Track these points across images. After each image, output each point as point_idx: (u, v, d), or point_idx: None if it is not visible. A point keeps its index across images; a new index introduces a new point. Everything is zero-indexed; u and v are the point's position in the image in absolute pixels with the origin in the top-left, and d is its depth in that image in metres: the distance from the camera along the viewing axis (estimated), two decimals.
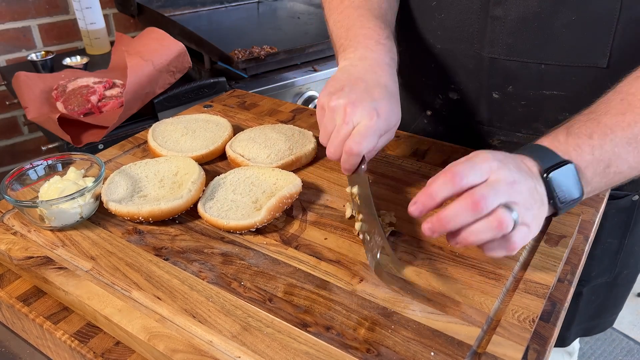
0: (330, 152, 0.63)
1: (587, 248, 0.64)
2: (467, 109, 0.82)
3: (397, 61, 0.71)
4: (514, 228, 0.50)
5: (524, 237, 0.51)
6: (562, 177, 0.54)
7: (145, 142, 0.84)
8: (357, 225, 0.61)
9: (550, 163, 0.54)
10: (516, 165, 0.53)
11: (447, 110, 0.85)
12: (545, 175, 0.54)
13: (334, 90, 0.64)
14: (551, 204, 0.55)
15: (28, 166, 0.69)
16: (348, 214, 0.66)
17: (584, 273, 0.84)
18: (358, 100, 0.62)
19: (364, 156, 0.62)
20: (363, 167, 0.63)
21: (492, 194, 0.49)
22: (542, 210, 0.53)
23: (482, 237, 0.50)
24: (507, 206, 0.50)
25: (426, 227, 0.52)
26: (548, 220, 0.64)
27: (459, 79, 0.80)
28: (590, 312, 0.94)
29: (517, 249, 0.52)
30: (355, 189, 0.64)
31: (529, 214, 0.51)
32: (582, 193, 0.55)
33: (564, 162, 0.54)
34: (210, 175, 0.72)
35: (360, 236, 0.62)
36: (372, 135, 0.61)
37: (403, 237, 0.63)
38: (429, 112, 0.89)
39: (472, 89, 0.79)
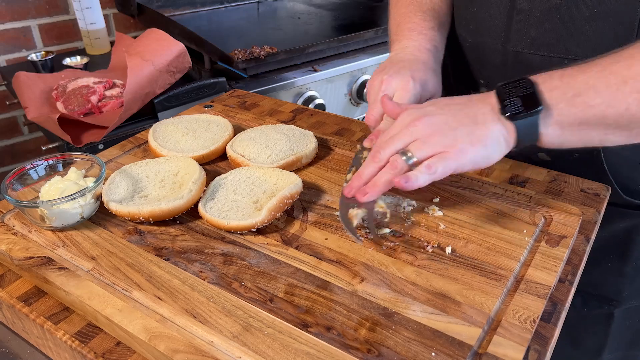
0: (368, 118, 0.71)
1: (588, 249, 0.64)
2: None
3: (442, 49, 0.79)
4: (413, 167, 0.58)
5: (428, 166, 0.57)
6: (512, 90, 0.57)
7: (146, 142, 0.84)
8: (348, 176, 0.68)
9: (508, 81, 0.59)
10: (445, 102, 0.61)
11: None
12: (496, 89, 0.59)
13: (376, 72, 0.73)
14: (507, 117, 0.57)
15: (29, 166, 0.69)
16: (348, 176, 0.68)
17: (614, 292, 0.82)
18: (395, 73, 0.70)
19: None
20: None
21: (386, 145, 0.60)
22: (476, 128, 0.57)
23: (382, 179, 0.59)
24: (403, 152, 0.58)
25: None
26: (549, 221, 0.64)
27: (487, 73, 0.81)
28: (625, 339, 0.87)
29: (418, 179, 0.56)
30: (366, 153, 0.69)
31: (435, 141, 0.57)
32: (539, 105, 0.55)
33: (521, 79, 0.58)
34: (210, 176, 0.72)
35: (344, 184, 0.65)
36: (408, 99, 0.69)
37: (403, 237, 0.63)
38: None
39: (499, 84, 0.80)
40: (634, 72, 0.53)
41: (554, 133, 0.57)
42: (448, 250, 0.60)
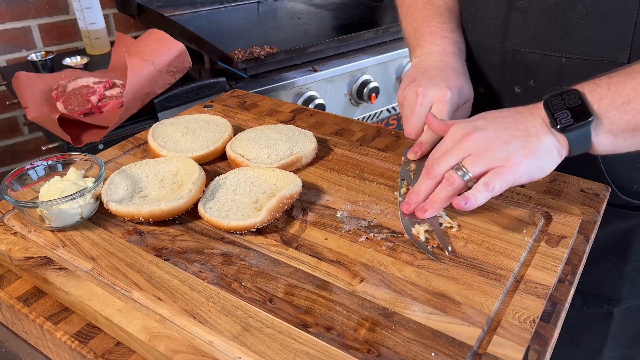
0: (407, 130, 0.71)
1: (588, 249, 0.64)
2: (492, 103, 0.83)
3: (464, 50, 0.79)
4: (469, 182, 0.58)
5: (485, 184, 0.57)
6: (560, 103, 0.57)
7: (146, 142, 0.84)
8: (402, 191, 0.69)
9: (554, 93, 0.59)
10: (494, 115, 0.61)
11: (475, 104, 0.85)
12: (544, 102, 0.59)
13: (406, 84, 0.73)
14: (558, 130, 0.57)
15: (28, 166, 0.69)
16: (401, 191, 0.70)
17: (613, 291, 0.82)
18: (428, 84, 0.70)
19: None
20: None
21: (441, 161, 0.60)
22: (529, 141, 0.57)
23: (440, 196, 0.60)
24: (458, 168, 0.58)
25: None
26: (548, 221, 0.64)
27: (486, 72, 0.81)
28: (626, 338, 0.87)
29: (477, 198, 0.57)
30: (413, 165, 0.72)
31: (490, 156, 0.57)
32: (590, 116, 0.56)
33: (568, 91, 0.57)
34: (210, 176, 0.72)
35: (400, 199, 0.67)
36: (447, 110, 0.69)
37: (403, 237, 0.63)
38: None
39: (496, 83, 0.80)
40: None
41: (607, 141, 0.57)
42: (448, 250, 0.60)
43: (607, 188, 0.72)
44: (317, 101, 1.42)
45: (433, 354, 0.48)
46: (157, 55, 1.20)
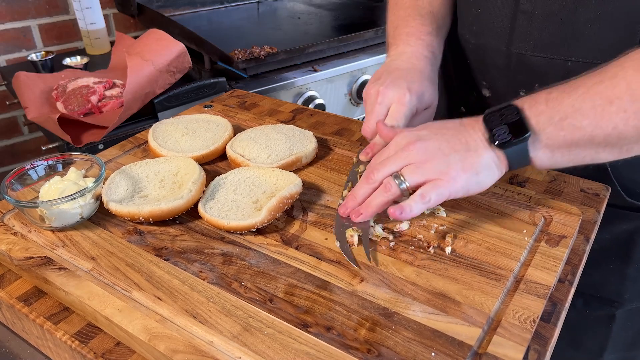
0: (364, 129, 0.72)
1: (588, 249, 0.64)
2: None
3: (439, 55, 0.78)
4: (405, 191, 0.59)
5: (421, 195, 0.57)
6: (499, 118, 0.58)
7: (146, 142, 0.84)
8: (344, 193, 0.68)
9: (494, 108, 0.59)
10: (438, 127, 0.61)
11: (479, 107, 0.85)
12: (483, 117, 0.59)
13: (372, 81, 0.73)
14: (496, 145, 0.57)
15: (28, 166, 0.69)
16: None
17: (615, 293, 0.82)
18: (390, 84, 0.70)
19: None
20: None
21: (381, 167, 0.61)
22: (468, 155, 0.58)
23: (376, 201, 0.61)
24: (397, 176, 0.59)
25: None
26: (549, 220, 0.64)
27: (490, 75, 0.81)
28: (626, 340, 0.87)
29: (412, 209, 0.57)
30: (362, 167, 0.71)
31: (428, 168, 0.58)
32: (527, 132, 0.56)
33: (507, 106, 0.58)
34: (210, 176, 0.72)
35: (340, 201, 0.67)
36: (404, 112, 0.69)
37: (403, 237, 0.63)
38: (463, 109, 0.90)
39: (501, 86, 0.80)
40: (618, 92, 0.53)
41: (544, 156, 0.57)
42: (448, 250, 0.60)
43: (607, 188, 0.72)
44: (317, 101, 1.42)
45: (433, 354, 0.48)
46: (157, 55, 1.20)
